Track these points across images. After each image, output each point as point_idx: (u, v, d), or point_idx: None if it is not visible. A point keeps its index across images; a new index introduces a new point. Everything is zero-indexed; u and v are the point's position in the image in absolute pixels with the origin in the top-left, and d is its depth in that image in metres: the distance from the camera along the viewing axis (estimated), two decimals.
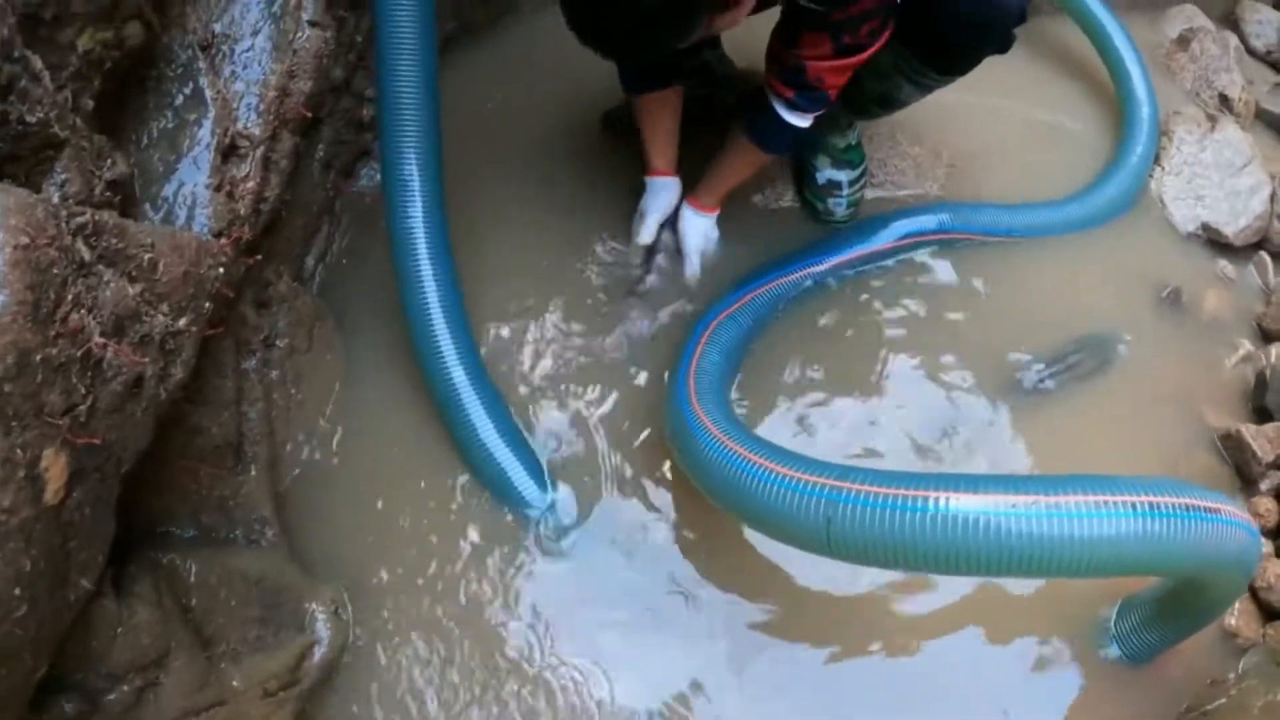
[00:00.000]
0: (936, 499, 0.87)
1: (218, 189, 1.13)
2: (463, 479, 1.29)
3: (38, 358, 0.82)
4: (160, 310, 1.01)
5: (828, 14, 1.13)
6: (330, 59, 1.28)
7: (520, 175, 1.56)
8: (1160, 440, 1.42)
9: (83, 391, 0.88)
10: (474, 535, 1.26)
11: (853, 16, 1.14)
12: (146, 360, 0.96)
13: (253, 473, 1.29)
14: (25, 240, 0.84)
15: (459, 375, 1.24)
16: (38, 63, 0.95)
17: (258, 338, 1.30)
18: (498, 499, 1.26)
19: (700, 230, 1.45)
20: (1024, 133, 1.72)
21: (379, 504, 1.30)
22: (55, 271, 0.86)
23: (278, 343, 1.35)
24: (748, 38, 1.33)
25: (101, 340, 0.91)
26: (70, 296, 0.88)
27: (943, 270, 1.49)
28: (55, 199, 0.97)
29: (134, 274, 0.98)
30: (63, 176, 0.98)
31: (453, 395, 1.23)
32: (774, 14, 1.25)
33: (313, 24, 1.23)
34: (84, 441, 0.88)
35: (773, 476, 0.96)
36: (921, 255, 1.50)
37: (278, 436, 1.33)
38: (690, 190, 1.46)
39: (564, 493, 1.27)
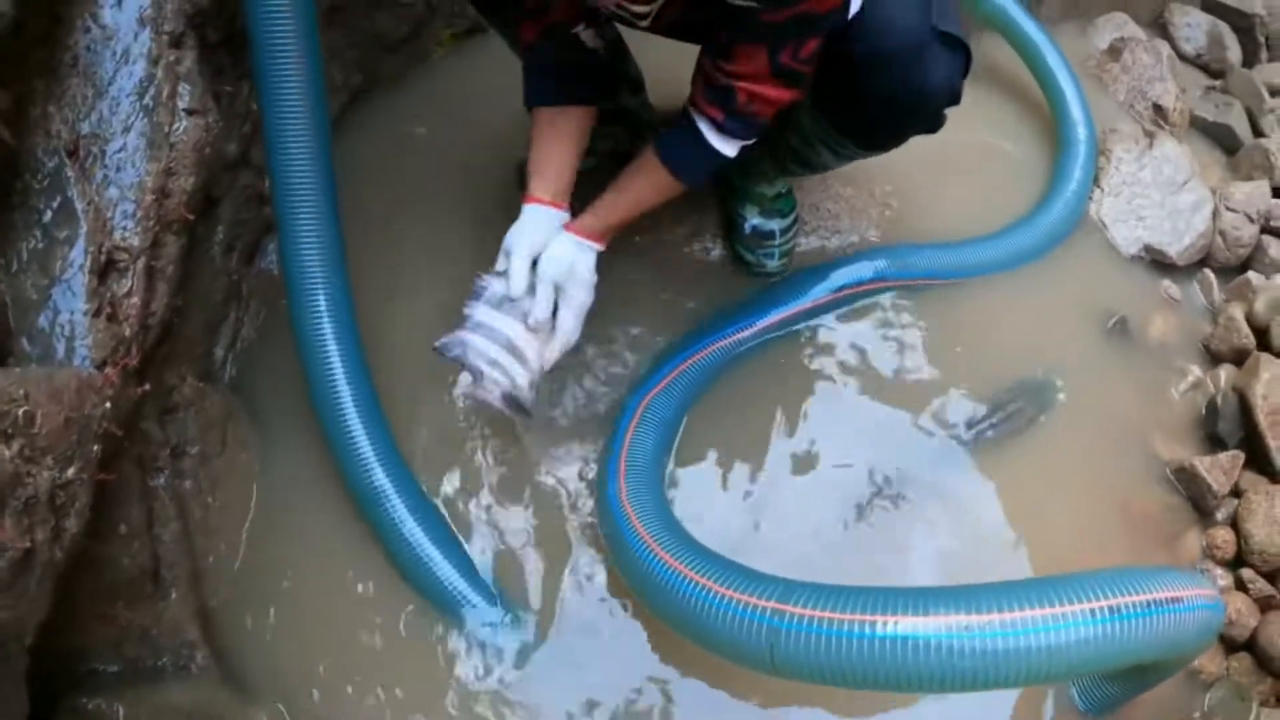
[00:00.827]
0: (885, 623, 0.83)
1: (96, 314, 1.03)
2: (399, 581, 1.22)
3: None
4: (44, 466, 0.92)
5: (760, 10, 0.97)
6: (213, 147, 1.17)
7: (434, 232, 1.47)
8: (1113, 478, 1.38)
9: None
10: (416, 641, 1.19)
11: (788, 22, 0.99)
12: (33, 541, 0.87)
13: (173, 596, 1.20)
14: None
15: (382, 482, 1.16)
16: None
17: (164, 452, 1.20)
18: (435, 605, 1.19)
19: (567, 260, 1.16)
20: (961, 160, 1.65)
21: (312, 610, 1.22)
22: None
23: (188, 450, 1.25)
24: (676, 85, 1.24)
25: None
26: None
27: (878, 315, 1.43)
28: None
29: (10, 432, 0.89)
30: None
31: (380, 505, 1.16)
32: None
33: (190, 112, 1.13)
34: None
35: (713, 597, 0.91)
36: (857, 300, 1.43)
37: (197, 550, 1.24)
38: (574, 216, 1.21)
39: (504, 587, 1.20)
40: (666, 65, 1.37)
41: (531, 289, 1.15)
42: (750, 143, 1.15)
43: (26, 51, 1.06)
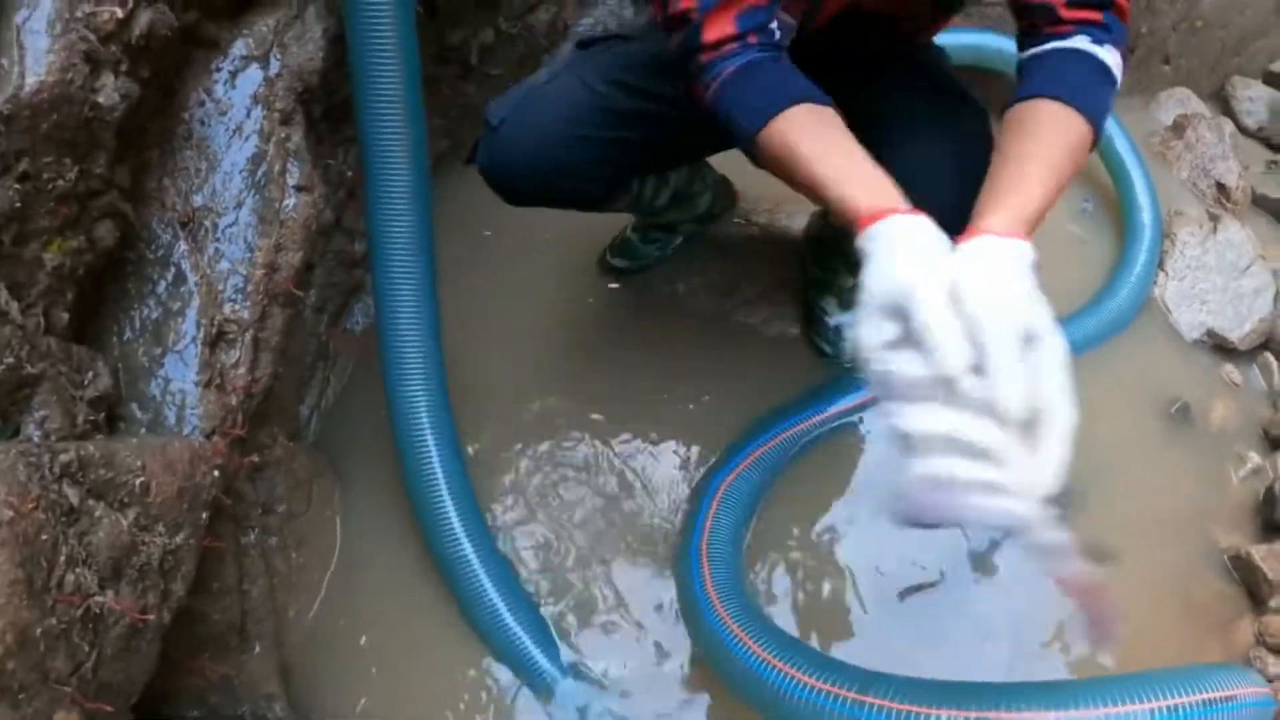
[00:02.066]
0: (954, 717, 0.85)
1: (207, 384, 1.06)
2: (474, 642, 1.24)
3: (38, 631, 0.77)
4: (156, 533, 0.95)
5: None
6: (319, 221, 1.20)
7: (517, 300, 1.50)
8: (1170, 565, 1.38)
9: (86, 649, 0.84)
10: (491, 702, 1.21)
11: None
12: (147, 608, 0.90)
13: (257, 650, 1.22)
14: (9, 514, 0.78)
15: (468, 552, 1.19)
16: (2, 295, 0.87)
17: (255, 511, 1.23)
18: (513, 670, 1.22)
19: (1009, 289, 0.73)
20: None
21: (389, 667, 1.24)
22: (45, 536, 0.80)
23: (276, 508, 1.28)
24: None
25: (100, 598, 0.85)
26: (63, 557, 0.82)
27: None
28: (36, 439, 0.91)
29: (126, 501, 0.92)
30: (41, 414, 0.91)
31: (464, 577, 1.18)
32: None
33: (299, 189, 1.15)
34: (93, 707, 0.84)
35: (793, 684, 0.94)
36: None
37: (280, 606, 1.27)
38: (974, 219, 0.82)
39: (580, 661, 1.22)
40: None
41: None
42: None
43: (145, 125, 1.09)
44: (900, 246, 0.76)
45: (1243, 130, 1.98)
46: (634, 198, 1.30)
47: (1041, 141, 0.87)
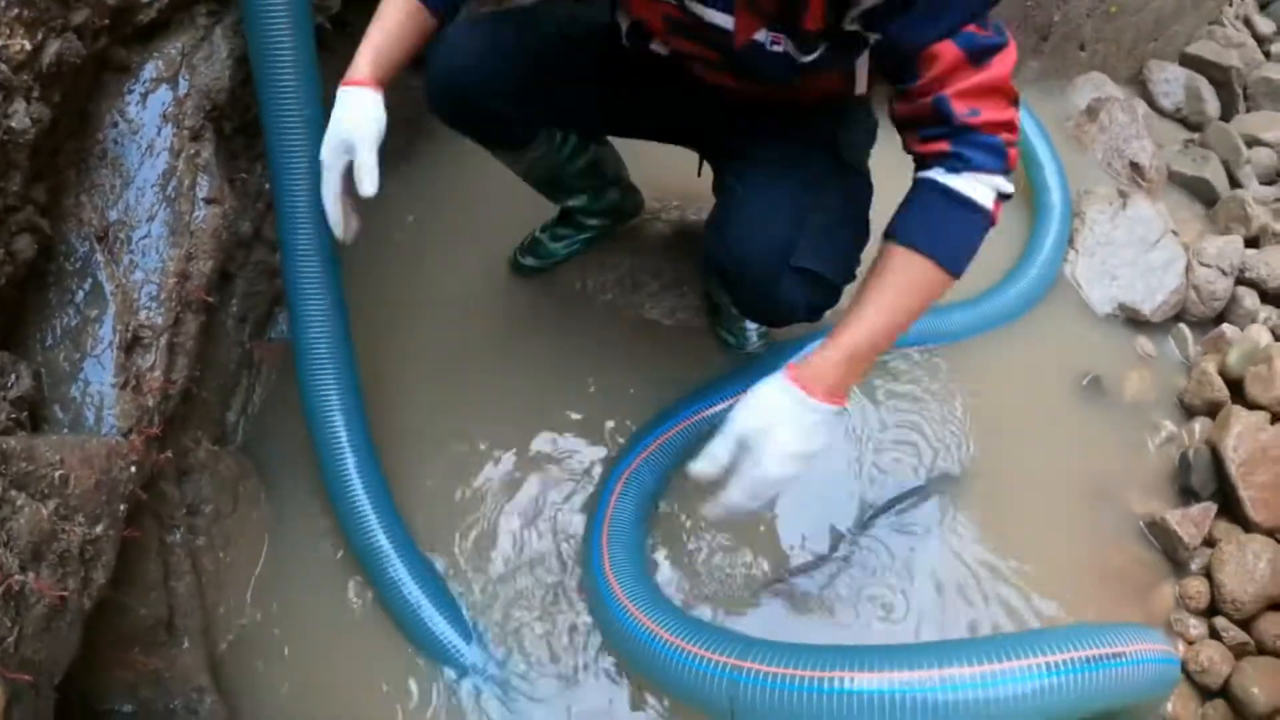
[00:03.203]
0: (837, 679, 0.94)
1: (124, 386, 1.18)
2: (397, 635, 1.34)
3: None
4: (75, 523, 1.06)
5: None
6: (229, 230, 1.32)
7: (431, 316, 1.61)
8: (1088, 534, 1.49)
9: (8, 624, 0.94)
10: (414, 692, 1.31)
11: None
12: (67, 591, 1.00)
13: (186, 644, 1.33)
14: None
15: (383, 545, 1.30)
16: None
17: (180, 511, 1.34)
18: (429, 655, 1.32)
19: (767, 415, 1.00)
20: None
21: (317, 660, 1.34)
22: None
23: (202, 508, 1.39)
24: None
25: (20, 577, 0.96)
26: None
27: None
28: None
29: (46, 492, 1.03)
30: None
31: (377, 563, 1.29)
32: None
33: (209, 201, 1.28)
34: (14, 677, 0.94)
35: (678, 653, 1.03)
36: None
37: (209, 602, 1.38)
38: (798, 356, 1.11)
39: (495, 643, 1.32)
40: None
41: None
42: (1007, 189, 0.99)
43: (60, 145, 1.22)
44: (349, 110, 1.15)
45: (1160, 112, 2.11)
46: (555, 147, 1.40)
47: (882, 284, 1.02)
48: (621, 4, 1.20)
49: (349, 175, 1.19)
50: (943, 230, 1.00)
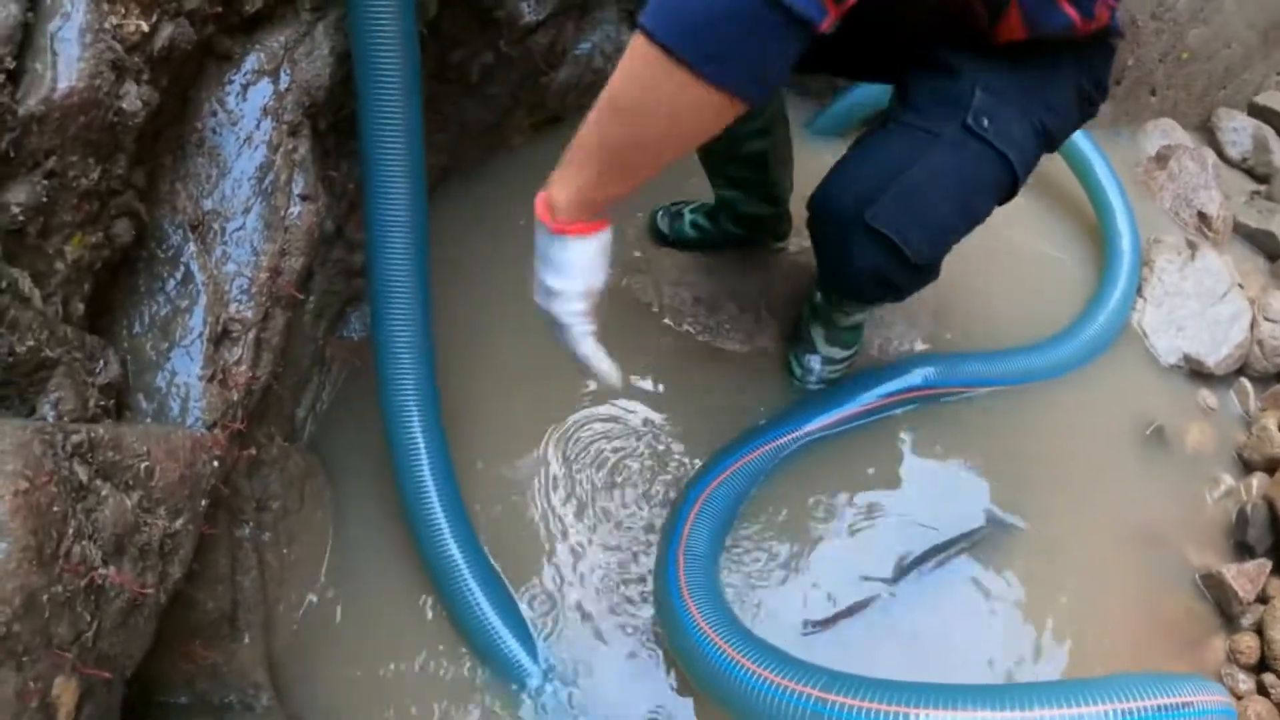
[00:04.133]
0: (916, 715, 0.92)
1: (210, 379, 1.15)
2: (456, 642, 1.31)
3: (44, 597, 0.85)
4: (158, 515, 1.03)
5: None
6: (320, 229, 1.30)
7: (510, 317, 1.58)
8: (1143, 584, 1.45)
9: (88, 618, 0.91)
10: (472, 699, 1.28)
11: None
12: (148, 588, 0.98)
13: (246, 640, 1.30)
14: (24, 485, 0.86)
15: (454, 553, 1.26)
16: (26, 283, 0.97)
17: (250, 505, 1.31)
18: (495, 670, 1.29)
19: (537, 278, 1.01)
20: (1009, 267, 1.75)
21: (374, 663, 1.30)
22: (55, 509, 0.88)
23: (271, 504, 1.36)
24: None
25: (104, 571, 0.93)
26: (71, 530, 0.90)
27: (918, 420, 1.51)
28: (50, 419, 0.99)
29: (130, 483, 1.00)
30: (56, 395, 0.99)
31: (447, 572, 1.26)
32: None
33: (304, 198, 1.25)
34: (92, 673, 0.91)
35: (759, 681, 1.01)
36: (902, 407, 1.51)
37: (271, 599, 1.35)
38: None
39: (559, 661, 1.29)
40: None
41: None
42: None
43: (160, 130, 1.19)
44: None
45: (1227, 161, 2.08)
46: (768, 115, 1.31)
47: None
48: None
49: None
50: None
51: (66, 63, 0.96)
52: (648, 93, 0.77)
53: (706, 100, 0.75)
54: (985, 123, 1.12)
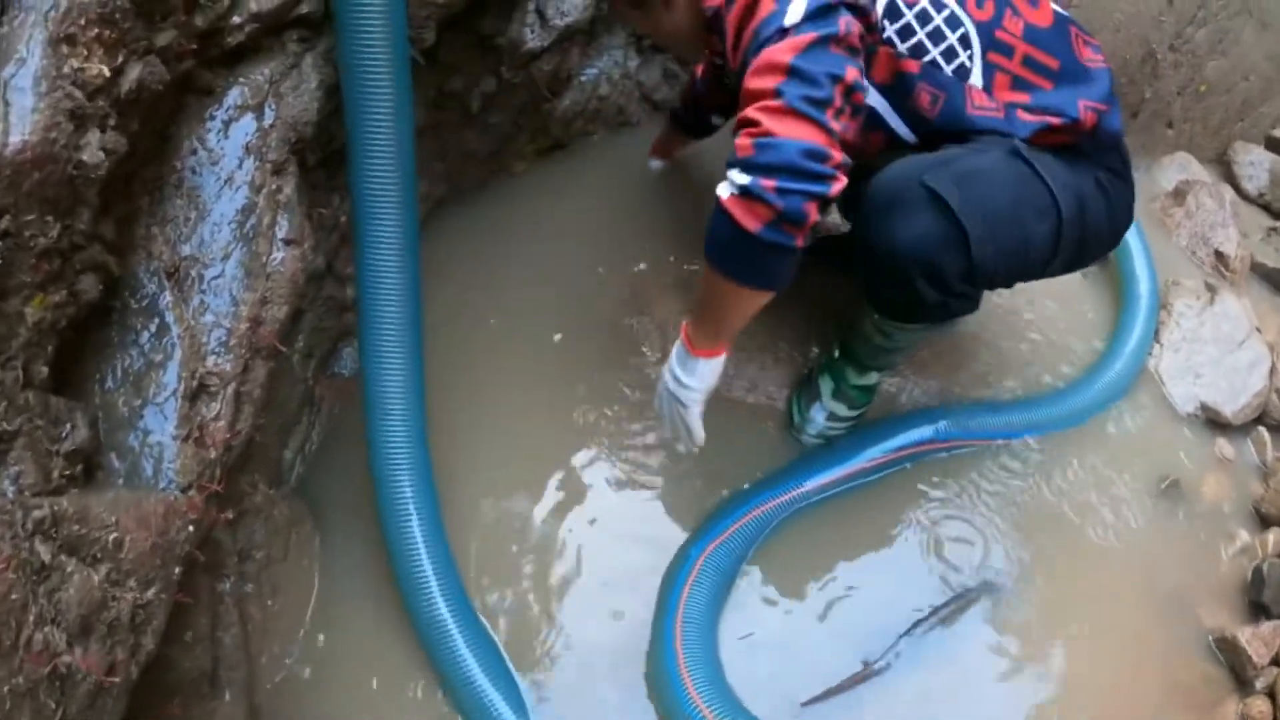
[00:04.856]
0: None
1: (186, 438, 1.03)
2: (446, 699, 1.21)
3: (4, 689, 0.75)
4: (127, 588, 0.93)
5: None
6: (306, 272, 1.17)
7: (508, 346, 1.47)
8: (1154, 643, 1.34)
9: (52, 706, 0.81)
10: None
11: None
12: (114, 663, 0.87)
13: (228, 697, 1.19)
14: None
15: (443, 614, 1.16)
16: None
17: (231, 560, 1.20)
18: None
19: (668, 369, 1.20)
20: (1021, 309, 1.62)
21: (358, 718, 1.22)
22: (15, 596, 0.79)
23: (254, 554, 1.25)
24: None
25: (67, 659, 0.83)
26: (32, 617, 0.80)
27: (923, 474, 1.39)
28: (10, 494, 0.88)
29: (98, 556, 0.90)
30: (16, 469, 0.88)
31: (436, 638, 1.15)
32: None
33: (288, 242, 1.13)
34: None
35: None
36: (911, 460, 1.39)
37: (253, 652, 1.24)
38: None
39: None
40: None
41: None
42: (738, 181, 0.95)
43: (135, 171, 1.07)
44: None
45: (1243, 196, 1.94)
46: None
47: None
48: None
49: None
50: (707, 226, 1.03)
51: (19, 114, 0.84)
52: (718, 288, 1.07)
53: (752, 294, 1.06)
54: (1030, 154, 1.13)
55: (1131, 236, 1.60)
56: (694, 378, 1.16)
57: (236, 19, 1.10)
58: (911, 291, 1.12)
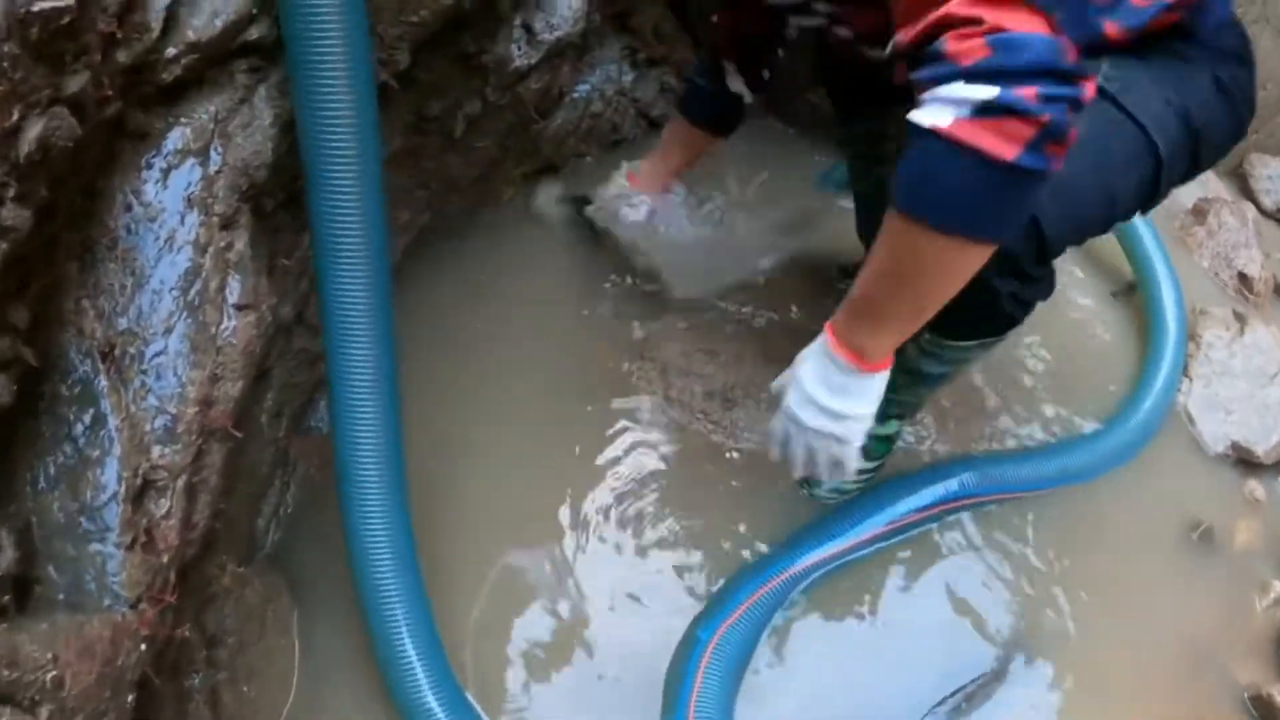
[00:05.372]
0: None
1: (131, 545, 0.86)
2: None
3: None
4: None
5: None
6: (265, 337, 0.98)
7: (498, 385, 1.30)
8: (1187, 701, 1.21)
9: None
10: None
11: None
12: None
13: None
14: None
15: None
16: None
17: (200, 653, 1.04)
18: None
19: (803, 386, 0.92)
20: (1044, 343, 1.47)
21: None
22: None
23: (226, 640, 1.09)
24: None
25: None
26: None
27: (940, 532, 1.24)
28: None
29: (36, 699, 0.74)
30: None
31: None
32: None
33: (241, 308, 0.94)
34: None
35: None
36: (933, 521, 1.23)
37: None
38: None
39: None
40: None
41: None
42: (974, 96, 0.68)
43: (58, 235, 0.87)
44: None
45: (1262, 211, 1.78)
46: None
47: (875, 247, 0.83)
48: None
49: None
50: (904, 173, 0.77)
51: None
52: (925, 259, 0.79)
53: (977, 253, 0.78)
54: (1117, 87, 0.94)
55: (1159, 262, 1.44)
56: (861, 401, 0.88)
57: (171, 50, 0.89)
58: (984, 294, 0.90)
